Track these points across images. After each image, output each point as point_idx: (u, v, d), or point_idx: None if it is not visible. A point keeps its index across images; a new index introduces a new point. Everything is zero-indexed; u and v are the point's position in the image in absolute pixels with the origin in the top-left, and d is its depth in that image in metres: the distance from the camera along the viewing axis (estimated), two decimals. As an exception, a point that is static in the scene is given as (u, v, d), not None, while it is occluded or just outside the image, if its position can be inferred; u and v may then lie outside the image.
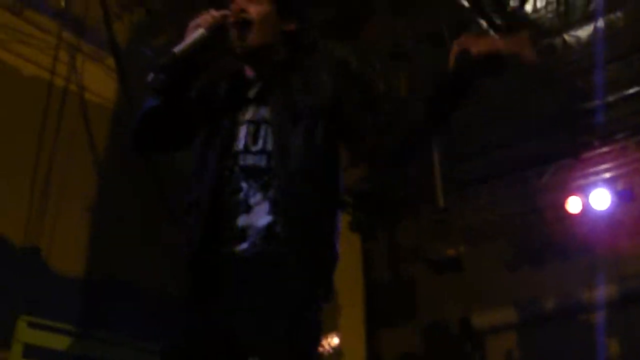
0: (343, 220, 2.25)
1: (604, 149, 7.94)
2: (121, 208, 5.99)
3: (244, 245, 1.95)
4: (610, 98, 7.40)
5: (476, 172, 8.36)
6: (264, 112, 2.08)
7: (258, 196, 1.98)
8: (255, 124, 2.07)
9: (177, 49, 1.93)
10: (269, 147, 2.02)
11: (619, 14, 6.26)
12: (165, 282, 5.88)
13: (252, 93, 2.16)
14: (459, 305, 8.33)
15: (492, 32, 6.29)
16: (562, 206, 7.94)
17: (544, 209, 8.31)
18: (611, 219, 7.74)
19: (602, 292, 7.57)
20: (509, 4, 6.12)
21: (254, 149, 2.03)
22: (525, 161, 8.21)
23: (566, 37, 6.52)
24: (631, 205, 7.69)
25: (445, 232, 8.42)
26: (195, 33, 1.97)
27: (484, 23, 6.22)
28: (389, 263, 9.28)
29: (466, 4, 6.02)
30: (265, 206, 1.97)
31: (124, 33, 6.28)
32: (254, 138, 2.05)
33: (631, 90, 7.22)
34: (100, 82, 6.38)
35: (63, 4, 5.80)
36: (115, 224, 5.95)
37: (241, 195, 1.99)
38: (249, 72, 2.21)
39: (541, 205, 8.30)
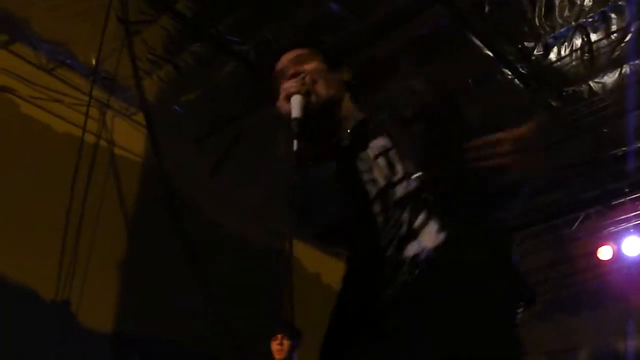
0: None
1: (635, 196, 7.85)
2: (150, 264, 6.01)
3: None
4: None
5: (504, 222, 8.27)
6: (381, 141, 1.94)
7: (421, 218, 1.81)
8: (383, 155, 1.92)
9: (294, 114, 1.87)
10: (410, 169, 1.85)
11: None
12: (192, 337, 5.86)
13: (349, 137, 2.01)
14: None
15: (517, 82, 6.31)
16: (593, 254, 7.84)
17: (574, 258, 8.20)
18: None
19: (637, 341, 7.40)
20: (532, 53, 6.13)
21: (395, 178, 1.88)
22: (554, 210, 8.14)
23: (592, 84, 6.50)
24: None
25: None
26: (293, 101, 1.90)
27: (508, 73, 6.25)
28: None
29: (490, 54, 6.04)
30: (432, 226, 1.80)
31: (153, 89, 6.38)
32: (391, 168, 1.89)
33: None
34: (129, 137, 6.48)
35: (94, 62, 5.90)
36: (145, 279, 5.97)
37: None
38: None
39: (572, 254, 8.19)
